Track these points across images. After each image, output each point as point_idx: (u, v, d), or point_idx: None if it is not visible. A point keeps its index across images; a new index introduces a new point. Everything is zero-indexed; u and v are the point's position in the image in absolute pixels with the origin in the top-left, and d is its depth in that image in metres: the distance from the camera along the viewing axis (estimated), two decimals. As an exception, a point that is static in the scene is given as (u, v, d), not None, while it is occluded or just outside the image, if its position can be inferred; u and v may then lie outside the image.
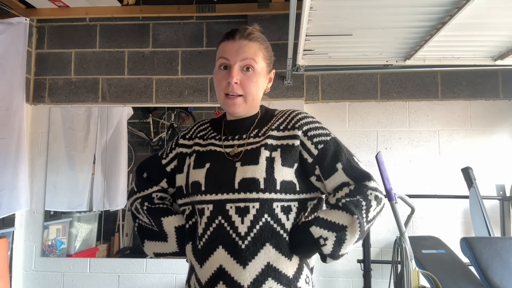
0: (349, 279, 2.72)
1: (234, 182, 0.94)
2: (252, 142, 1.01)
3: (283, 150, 0.97)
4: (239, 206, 0.92)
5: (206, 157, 1.02)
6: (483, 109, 2.81)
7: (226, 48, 1.00)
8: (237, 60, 0.98)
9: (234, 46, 0.99)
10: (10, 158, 2.68)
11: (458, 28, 2.00)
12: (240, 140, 1.02)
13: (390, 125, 2.85)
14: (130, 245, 2.83)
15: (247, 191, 0.92)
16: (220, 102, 1.03)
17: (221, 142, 1.04)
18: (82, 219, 2.86)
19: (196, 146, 1.07)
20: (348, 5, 1.82)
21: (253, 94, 1.00)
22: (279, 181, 0.93)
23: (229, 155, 0.99)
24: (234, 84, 0.97)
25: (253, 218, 0.91)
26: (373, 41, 2.26)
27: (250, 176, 0.93)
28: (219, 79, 1.00)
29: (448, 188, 2.73)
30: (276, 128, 1.02)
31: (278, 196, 0.93)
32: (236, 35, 1.00)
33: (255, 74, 1.00)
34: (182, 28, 2.95)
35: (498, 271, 1.96)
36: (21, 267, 2.80)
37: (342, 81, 2.89)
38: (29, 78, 2.95)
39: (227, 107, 1.01)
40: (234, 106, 1.00)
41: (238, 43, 0.99)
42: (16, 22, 2.80)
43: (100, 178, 2.85)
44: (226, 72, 1.00)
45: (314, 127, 1.01)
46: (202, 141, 1.07)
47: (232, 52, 0.99)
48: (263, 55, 1.02)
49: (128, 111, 2.92)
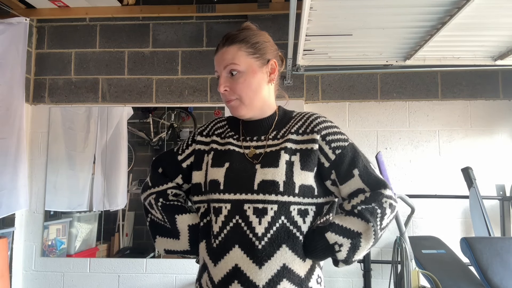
0: (349, 279, 2.72)
1: (254, 183, 0.94)
2: (272, 145, 1.02)
3: (302, 154, 0.98)
4: (257, 207, 0.93)
5: (225, 156, 1.02)
6: (483, 109, 2.81)
7: (215, 61, 1.05)
8: (221, 69, 1.03)
9: (218, 56, 1.04)
10: (10, 158, 2.68)
11: (458, 28, 2.00)
12: (259, 141, 1.04)
13: (390, 125, 2.85)
14: (130, 245, 2.83)
15: (266, 193, 0.93)
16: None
17: (240, 142, 1.05)
18: (82, 219, 2.86)
19: (213, 143, 1.06)
20: (348, 5, 1.82)
21: (247, 94, 1.02)
22: (298, 185, 0.94)
23: (249, 157, 1.01)
24: (225, 91, 1.02)
25: (270, 220, 0.92)
26: (373, 41, 2.26)
27: (270, 178, 0.94)
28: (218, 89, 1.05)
29: (448, 188, 2.73)
30: (296, 132, 1.02)
31: (296, 200, 0.94)
32: (219, 46, 1.05)
33: (241, 75, 1.01)
34: (182, 28, 2.95)
35: (498, 271, 1.96)
36: (21, 267, 2.80)
37: (342, 81, 2.89)
38: (29, 78, 2.95)
39: (231, 112, 1.06)
40: (234, 109, 1.04)
41: (220, 53, 1.03)
42: (16, 22, 2.80)
43: (100, 178, 2.85)
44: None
45: (332, 131, 1.02)
46: (220, 139, 1.07)
47: (217, 63, 1.04)
48: (245, 53, 1.02)
49: (128, 111, 2.92)
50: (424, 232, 2.72)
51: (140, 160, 2.90)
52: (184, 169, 1.08)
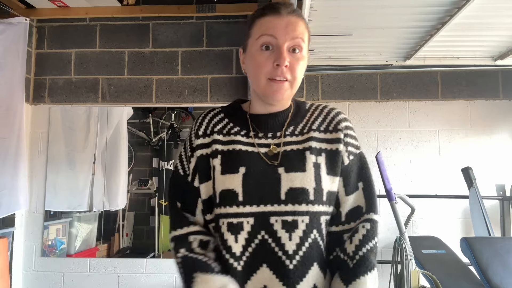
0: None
1: (280, 191, 0.81)
2: (290, 142, 0.87)
3: (328, 155, 0.86)
4: (286, 220, 0.80)
5: (237, 158, 0.85)
6: (483, 109, 2.81)
7: (272, 24, 0.83)
8: (286, 39, 0.83)
9: (282, 22, 0.83)
10: (10, 158, 2.68)
11: (458, 28, 2.00)
12: (275, 138, 0.88)
13: (390, 125, 2.84)
14: (130, 245, 2.83)
15: (295, 203, 0.80)
16: (259, 88, 0.86)
17: (252, 139, 0.88)
18: (82, 219, 2.86)
19: (216, 144, 0.88)
20: (348, 5, 1.82)
21: (299, 79, 0.87)
22: (325, 192, 0.84)
23: (268, 157, 0.85)
24: (284, 67, 0.82)
25: (302, 234, 0.80)
26: (373, 41, 2.26)
27: (299, 185, 0.81)
28: (262, 61, 0.84)
29: (448, 188, 2.73)
30: (317, 129, 0.89)
31: (325, 209, 0.84)
32: (282, 10, 0.84)
33: (302, 56, 0.86)
34: (182, 28, 2.95)
35: (498, 271, 1.95)
36: (21, 267, 2.80)
37: (342, 81, 2.89)
38: (29, 78, 2.95)
39: (271, 93, 0.85)
40: (281, 92, 0.84)
41: (286, 19, 0.84)
42: (16, 22, 2.80)
43: (100, 178, 2.85)
44: (270, 53, 0.84)
45: (351, 134, 0.91)
46: (221, 136, 0.89)
47: (280, 29, 0.83)
48: (308, 36, 0.89)
49: (128, 111, 2.92)
50: (424, 232, 2.72)
51: (140, 160, 2.90)
52: (199, 189, 0.88)
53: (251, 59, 0.87)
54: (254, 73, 0.87)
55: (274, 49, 0.83)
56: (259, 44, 0.84)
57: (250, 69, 0.88)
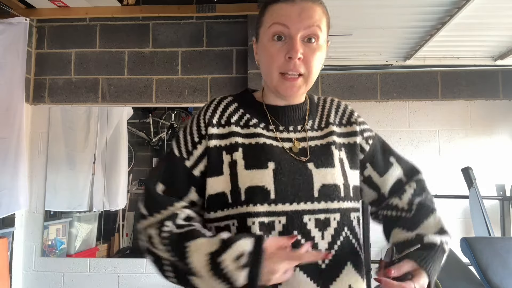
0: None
1: (313, 188, 0.77)
2: (314, 137, 0.83)
3: (348, 150, 0.85)
4: (319, 218, 0.76)
5: (263, 153, 0.78)
6: (483, 109, 2.81)
7: (284, 12, 0.76)
8: (300, 27, 0.76)
9: (295, 9, 0.76)
10: (10, 158, 2.68)
11: (458, 28, 2.00)
12: (297, 132, 0.83)
13: (390, 125, 2.84)
14: (130, 245, 2.83)
15: (328, 200, 0.77)
16: (271, 82, 0.80)
17: (273, 133, 0.81)
18: (82, 219, 2.86)
19: (235, 136, 0.79)
20: (348, 5, 1.82)
21: (315, 72, 0.80)
22: (352, 187, 0.81)
23: (293, 153, 0.80)
24: (297, 60, 0.76)
25: (334, 232, 0.77)
26: (373, 41, 2.26)
27: (331, 181, 0.78)
28: (274, 53, 0.77)
29: (448, 188, 2.73)
30: (334, 122, 0.88)
31: (354, 205, 0.81)
32: None
33: (319, 46, 0.79)
34: (182, 28, 2.95)
35: (498, 271, 1.95)
36: (21, 267, 2.80)
37: (342, 81, 2.89)
38: (29, 78, 2.95)
39: (284, 90, 0.79)
40: (293, 89, 0.79)
41: (299, 6, 0.77)
42: (16, 22, 2.80)
43: (100, 178, 2.85)
44: (282, 43, 0.77)
45: (363, 121, 0.95)
46: (240, 129, 0.81)
47: (293, 17, 0.76)
48: (327, 22, 0.82)
49: (128, 111, 2.92)
50: (424, 232, 2.72)
51: (140, 160, 2.90)
52: (197, 178, 0.79)
53: (263, 50, 0.80)
54: (266, 66, 0.80)
55: (286, 39, 0.77)
56: (270, 33, 0.77)
57: (263, 61, 0.81)
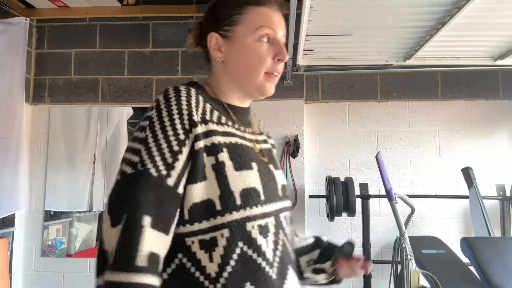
0: (349, 279, 2.71)
1: (278, 188, 0.79)
2: (260, 141, 0.86)
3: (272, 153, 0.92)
4: (286, 215, 0.79)
5: (244, 153, 0.74)
6: (483, 109, 2.81)
7: (271, 17, 0.79)
8: (281, 34, 0.80)
9: (277, 17, 0.80)
10: (10, 158, 2.68)
11: (458, 28, 2.00)
12: (250, 134, 0.83)
13: (390, 125, 2.84)
14: (130, 245, 2.83)
15: (287, 199, 0.81)
16: (255, 81, 0.80)
17: (241, 133, 0.79)
18: (82, 219, 2.86)
19: (216, 135, 0.72)
20: (348, 5, 1.82)
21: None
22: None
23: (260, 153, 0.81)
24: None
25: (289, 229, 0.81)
26: (373, 41, 2.26)
27: (284, 182, 0.83)
28: (263, 53, 0.78)
29: (448, 188, 2.73)
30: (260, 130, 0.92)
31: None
32: (275, 3, 0.81)
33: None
34: (182, 28, 2.95)
35: (498, 271, 1.95)
36: (21, 267, 2.80)
37: (342, 81, 2.89)
38: (29, 78, 2.95)
39: (267, 89, 0.81)
40: (273, 87, 0.82)
41: (279, 15, 0.81)
42: (16, 22, 2.80)
43: (100, 178, 2.85)
44: (269, 45, 0.79)
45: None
46: (216, 126, 0.73)
47: (278, 24, 0.79)
48: None
49: (128, 111, 2.92)
50: (424, 232, 2.72)
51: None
52: (181, 196, 0.67)
53: (248, 49, 0.78)
54: (252, 65, 0.78)
55: (271, 42, 0.79)
56: (259, 34, 0.77)
57: (244, 59, 0.79)
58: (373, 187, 2.72)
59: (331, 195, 2.39)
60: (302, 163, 2.74)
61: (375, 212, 2.74)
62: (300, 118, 2.76)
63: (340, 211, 2.40)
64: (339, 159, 2.83)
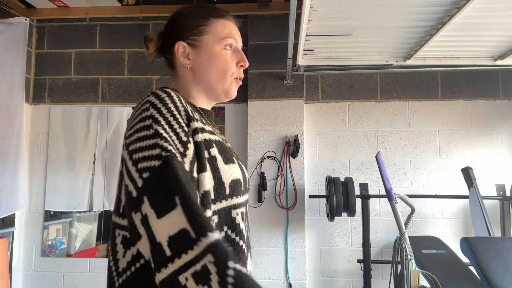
0: (349, 279, 2.72)
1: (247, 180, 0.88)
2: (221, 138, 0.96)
3: None
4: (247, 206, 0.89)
5: (226, 148, 0.82)
6: (483, 109, 2.81)
7: (232, 28, 0.90)
8: (241, 43, 0.92)
9: (236, 27, 0.92)
10: (10, 158, 2.68)
11: (458, 28, 2.00)
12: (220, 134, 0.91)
13: (390, 125, 2.84)
14: (130, 245, 2.83)
15: (248, 190, 0.89)
16: (223, 85, 0.88)
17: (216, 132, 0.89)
18: (82, 219, 2.86)
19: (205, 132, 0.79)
20: (348, 5, 1.82)
21: None
22: None
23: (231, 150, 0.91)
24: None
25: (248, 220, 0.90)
26: (373, 41, 2.26)
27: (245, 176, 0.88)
28: (229, 60, 0.88)
29: (448, 188, 2.73)
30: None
31: None
32: (231, 16, 0.93)
33: None
34: (182, 28, 2.95)
35: (498, 271, 1.95)
36: (21, 267, 2.80)
37: (342, 81, 2.89)
38: (29, 78, 2.95)
39: (233, 92, 0.90)
40: (235, 90, 0.92)
41: (236, 26, 0.93)
42: (16, 22, 2.80)
43: (100, 178, 2.85)
44: (232, 53, 0.89)
45: None
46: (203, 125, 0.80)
47: (237, 34, 0.91)
48: None
49: (128, 111, 2.92)
50: (424, 232, 2.72)
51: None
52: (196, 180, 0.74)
53: (215, 56, 0.87)
54: (220, 70, 0.87)
55: (233, 50, 0.90)
56: (224, 43, 0.87)
57: (213, 65, 0.87)
58: (373, 187, 2.73)
59: (331, 195, 2.39)
60: (302, 163, 2.74)
61: (375, 212, 2.74)
62: (300, 118, 2.76)
63: (340, 211, 2.40)
64: (339, 159, 2.83)
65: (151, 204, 0.62)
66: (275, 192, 2.71)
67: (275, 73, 2.80)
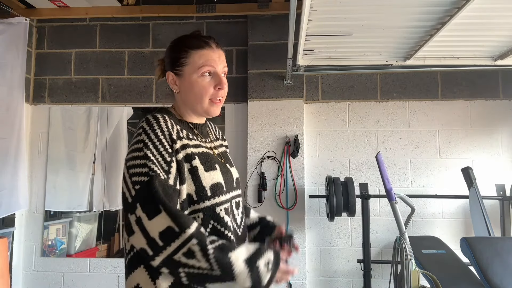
0: (349, 279, 2.72)
1: (234, 181, 1.10)
2: (217, 146, 1.17)
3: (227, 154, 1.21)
4: (236, 200, 1.09)
5: (209, 158, 1.05)
6: (483, 109, 2.81)
7: (210, 57, 1.05)
8: (221, 68, 1.07)
9: (216, 54, 1.06)
10: (10, 158, 2.68)
11: (458, 28, 2.00)
12: (210, 143, 1.14)
13: (390, 125, 2.84)
14: (130, 245, 2.83)
15: (239, 188, 1.13)
16: (202, 107, 1.07)
17: (204, 143, 1.10)
18: (82, 219, 2.86)
19: (189, 148, 1.00)
20: (348, 5, 1.82)
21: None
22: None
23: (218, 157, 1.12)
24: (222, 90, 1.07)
25: (242, 209, 1.11)
26: (373, 41, 2.26)
27: (237, 176, 1.14)
28: (206, 85, 1.05)
29: (448, 188, 2.73)
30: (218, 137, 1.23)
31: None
32: (212, 44, 1.07)
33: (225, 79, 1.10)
34: (182, 28, 2.95)
35: (498, 271, 1.96)
36: (21, 267, 2.80)
37: (342, 81, 2.89)
38: (29, 78, 2.95)
39: (212, 111, 1.08)
40: (219, 110, 1.09)
41: (217, 52, 1.07)
42: (16, 22, 2.80)
43: (100, 178, 2.85)
44: (210, 78, 1.06)
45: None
46: (188, 141, 1.02)
47: (216, 60, 1.06)
48: None
49: (128, 111, 2.92)
50: (424, 232, 2.72)
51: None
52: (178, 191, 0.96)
53: (193, 83, 1.05)
54: (198, 95, 1.05)
55: (212, 75, 1.06)
56: (201, 72, 1.04)
57: (192, 91, 1.05)
58: (373, 187, 2.73)
59: (331, 195, 2.39)
60: (302, 163, 2.74)
61: (375, 212, 2.74)
62: (300, 118, 2.77)
63: (340, 211, 2.40)
64: (339, 159, 2.83)
65: (143, 209, 0.87)
66: (275, 192, 2.71)
67: (275, 73, 2.80)
